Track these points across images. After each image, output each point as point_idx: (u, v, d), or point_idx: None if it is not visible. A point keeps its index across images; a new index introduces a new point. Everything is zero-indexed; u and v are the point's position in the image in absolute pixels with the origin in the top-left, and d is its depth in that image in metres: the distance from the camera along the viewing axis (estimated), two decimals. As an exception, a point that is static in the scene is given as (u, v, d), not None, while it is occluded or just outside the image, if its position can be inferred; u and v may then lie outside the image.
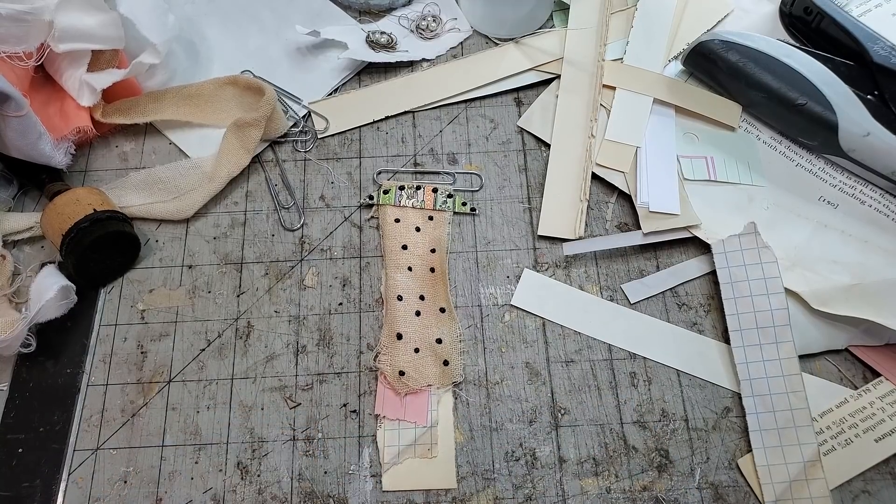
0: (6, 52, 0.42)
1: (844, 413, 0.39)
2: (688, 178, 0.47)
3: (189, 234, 0.46)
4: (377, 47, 0.52)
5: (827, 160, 0.47)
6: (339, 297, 0.44)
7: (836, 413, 0.39)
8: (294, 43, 0.53)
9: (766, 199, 0.46)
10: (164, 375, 0.42)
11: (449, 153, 0.49)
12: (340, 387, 0.41)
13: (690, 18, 0.53)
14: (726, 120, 0.48)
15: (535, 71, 0.51)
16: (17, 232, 0.45)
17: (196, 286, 0.44)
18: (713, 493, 0.38)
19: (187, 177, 0.47)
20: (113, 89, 0.47)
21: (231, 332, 0.43)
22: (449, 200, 0.46)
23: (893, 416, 0.38)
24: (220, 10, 0.56)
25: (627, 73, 0.50)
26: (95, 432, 0.40)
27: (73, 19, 0.43)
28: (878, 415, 0.39)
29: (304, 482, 0.39)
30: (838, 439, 0.38)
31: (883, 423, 0.38)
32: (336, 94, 0.51)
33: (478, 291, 0.44)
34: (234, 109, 0.50)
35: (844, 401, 0.39)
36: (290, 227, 0.46)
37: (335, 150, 0.49)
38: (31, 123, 0.42)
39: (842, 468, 0.38)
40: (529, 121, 0.50)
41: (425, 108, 0.51)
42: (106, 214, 0.43)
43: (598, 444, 0.39)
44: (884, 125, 0.43)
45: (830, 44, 0.47)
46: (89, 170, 0.49)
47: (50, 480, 0.39)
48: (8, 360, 0.42)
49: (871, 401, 0.39)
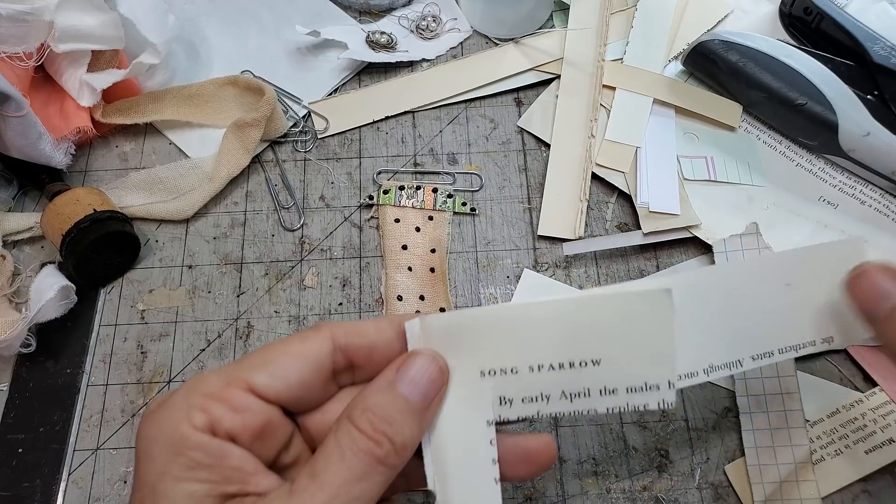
0: (6, 52, 0.42)
1: (836, 423, 0.38)
2: (688, 178, 0.47)
3: (189, 234, 0.46)
4: (377, 47, 0.52)
5: (827, 160, 0.47)
6: (339, 297, 0.44)
7: (828, 423, 0.39)
8: (294, 43, 0.53)
9: (766, 199, 0.46)
10: (164, 375, 0.42)
11: (449, 153, 0.49)
12: (340, 387, 0.41)
13: (690, 18, 0.53)
14: (726, 120, 0.48)
15: (535, 71, 0.51)
16: (17, 232, 0.45)
17: (196, 286, 0.44)
18: (713, 493, 0.38)
19: (187, 177, 0.47)
20: (113, 89, 0.47)
21: (231, 332, 0.43)
22: (449, 200, 0.46)
23: (885, 427, 0.38)
24: (220, 10, 0.56)
25: (627, 73, 0.50)
26: (95, 432, 0.40)
27: (73, 19, 0.43)
28: (870, 426, 0.38)
29: (304, 482, 0.39)
30: (828, 449, 0.38)
31: (874, 436, 0.38)
32: (336, 94, 0.51)
33: (478, 291, 0.44)
34: (234, 109, 0.50)
35: (836, 411, 0.39)
36: (290, 227, 0.46)
37: (335, 150, 0.49)
38: (31, 123, 0.42)
39: (830, 479, 0.37)
40: (529, 121, 0.50)
41: (425, 108, 0.51)
42: (106, 214, 0.43)
43: (597, 444, 0.39)
44: (884, 125, 0.43)
45: (830, 44, 0.47)
46: (89, 170, 0.49)
47: (50, 480, 0.39)
48: (8, 360, 0.42)
49: (863, 412, 0.39)
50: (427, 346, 0.25)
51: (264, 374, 0.24)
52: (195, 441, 0.23)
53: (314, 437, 0.26)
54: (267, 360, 0.25)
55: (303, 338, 0.26)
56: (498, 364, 0.25)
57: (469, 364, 0.25)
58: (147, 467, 0.23)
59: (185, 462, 0.23)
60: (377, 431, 0.23)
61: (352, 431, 0.23)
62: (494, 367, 0.25)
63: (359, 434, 0.23)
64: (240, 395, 0.24)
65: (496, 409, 0.25)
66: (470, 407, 0.25)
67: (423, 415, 0.24)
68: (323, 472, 0.23)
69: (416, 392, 0.24)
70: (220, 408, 0.24)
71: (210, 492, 0.23)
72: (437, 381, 0.25)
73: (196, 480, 0.23)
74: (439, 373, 0.25)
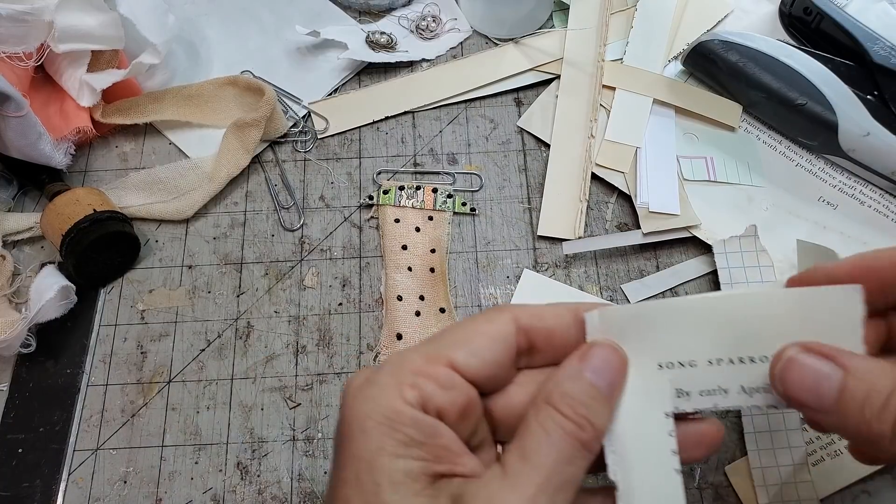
0: (6, 52, 0.42)
1: None
2: (688, 179, 0.47)
3: (189, 235, 0.46)
4: (377, 47, 0.52)
5: (827, 160, 0.47)
6: (338, 297, 0.44)
7: None
8: (294, 43, 0.53)
9: (765, 200, 0.46)
10: (164, 375, 0.42)
11: (449, 153, 0.49)
12: (340, 387, 0.41)
13: (690, 18, 0.53)
14: (726, 120, 0.48)
15: (534, 71, 0.51)
16: (17, 232, 0.45)
17: (196, 286, 0.44)
18: (713, 493, 0.38)
19: (187, 177, 0.47)
20: (113, 89, 0.47)
21: (231, 332, 0.43)
22: (449, 200, 0.46)
23: None
24: (220, 10, 0.56)
25: (627, 73, 0.50)
26: (95, 432, 0.40)
27: (73, 19, 0.43)
28: None
29: (304, 482, 0.39)
30: (828, 450, 0.38)
31: None
32: (336, 95, 0.51)
33: (478, 291, 0.44)
34: (234, 110, 0.50)
35: None
36: (290, 227, 0.46)
37: (335, 151, 0.49)
38: (31, 123, 0.42)
39: (830, 479, 0.37)
40: (529, 121, 0.50)
41: (425, 108, 0.51)
42: (106, 214, 0.43)
43: (597, 445, 0.39)
44: (884, 125, 0.43)
45: (830, 44, 0.47)
46: (89, 170, 0.49)
47: (50, 480, 0.39)
48: (8, 361, 0.42)
49: None
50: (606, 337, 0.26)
51: (464, 352, 0.24)
52: (410, 417, 0.23)
53: (496, 420, 0.26)
54: (463, 338, 0.25)
55: (489, 318, 0.25)
56: (676, 357, 0.25)
57: (647, 356, 0.26)
58: (362, 442, 0.23)
59: (401, 438, 0.22)
60: (579, 415, 0.23)
61: (555, 415, 0.23)
62: (672, 359, 0.25)
63: (562, 417, 0.23)
64: (445, 372, 0.24)
65: (674, 401, 0.25)
66: (649, 399, 0.25)
67: (609, 403, 0.25)
68: (534, 454, 0.23)
69: (602, 380, 0.24)
70: (429, 385, 0.23)
71: (424, 470, 0.23)
72: (620, 370, 0.25)
73: (411, 458, 0.22)
74: (621, 363, 0.25)
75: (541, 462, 0.23)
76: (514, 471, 0.22)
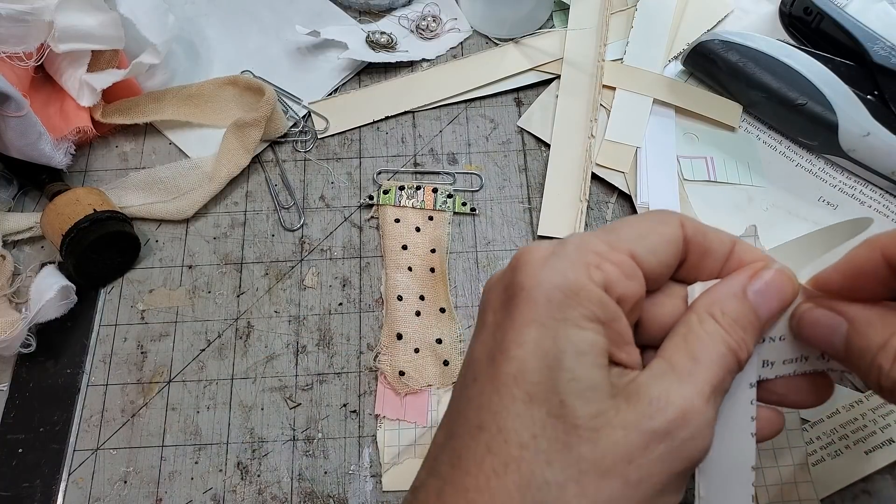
0: (6, 52, 0.42)
1: (836, 424, 0.38)
2: (688, 179, 0.47)
3: (189, 234, 0.46)
4: (377, 47, 0.52)
5: (827, 160, 0.47)
6: (339, 297, 0.44)
7: (828, 423, 0.38)
8: (294, 43, 0.53)
9: (765, 200, 0.46)
10: (164, 375, 0.42)
11: (449, 153, 0.49)
12: (340, 387, 0.41)
13: (690, 18, 0.53)
14: (726, 120, 0.48)
15: (535, 71, 0.51)
16: (17, 232, 0.45)
17: (196, 286, 0.44)
18: (713, 494, 0.38)
19: (187, 177, 0.47)
20: (113, 89, 0.47)
21: (231, 332, 0.43)
22: (449, 200, 0.46)
23: (885, 428, 0.38)
24: (220, 10, 0.56)
25: (627, 73, 0.50)
26: (95, 432, 0.40)
27: (73, 19, 0.43)
28: (870, 427, 0.38)
29: (304, 482, 0.39)
30: (828, 450, 0.38)
31: (874, 436, 0.38)
32: (336, 94, 0.51)
33: (478, 291, 0.44)
34: (234, 109, 0.50)
35: (836, 412, 0.39)
36: (290, 227, 0.46)
37: (335, 150, 0.49)
38: (31, 123, 0.42)
39: (830, 479, 0.37)
40: (529, 121, 0.50)
41: (425, 108, 0.51)
42: (106, 214, 0.43)
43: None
44: (884, 125, 0.43)
45: (830, 44, 0.47)
46: (89, 170, 0.49)
47: (50, 480, 0.39)
48: (8, 361, 0.42)
49: (862, 412, 0.39)
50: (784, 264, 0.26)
51: (643, 247, 0.24)
52: (596, 296, 0.23)
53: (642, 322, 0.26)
54: (642, 233, 0.25)
55: (663, 220, 0.25)
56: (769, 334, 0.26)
57: None
58: (546, 309, 0.23)
59: (586, 314, 0.23)
60: (738, 337, 0.24)
61: (719, 330, 0.24)
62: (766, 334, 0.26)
63: (726, 334, 0.24)
64: (628, 262, 0.24)
65: (759, 370, 0.26)
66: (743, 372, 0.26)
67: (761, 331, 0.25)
68: (705, 357, 0.23)
69: (764, 305, 0.24)
70: (614, 270, 0.23)
71: (605, 348, 0.23)
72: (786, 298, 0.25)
73: (595, 333, 0.23)
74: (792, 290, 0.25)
75: (710, 365, 0.23)
76: (685, 370, 0.23)
